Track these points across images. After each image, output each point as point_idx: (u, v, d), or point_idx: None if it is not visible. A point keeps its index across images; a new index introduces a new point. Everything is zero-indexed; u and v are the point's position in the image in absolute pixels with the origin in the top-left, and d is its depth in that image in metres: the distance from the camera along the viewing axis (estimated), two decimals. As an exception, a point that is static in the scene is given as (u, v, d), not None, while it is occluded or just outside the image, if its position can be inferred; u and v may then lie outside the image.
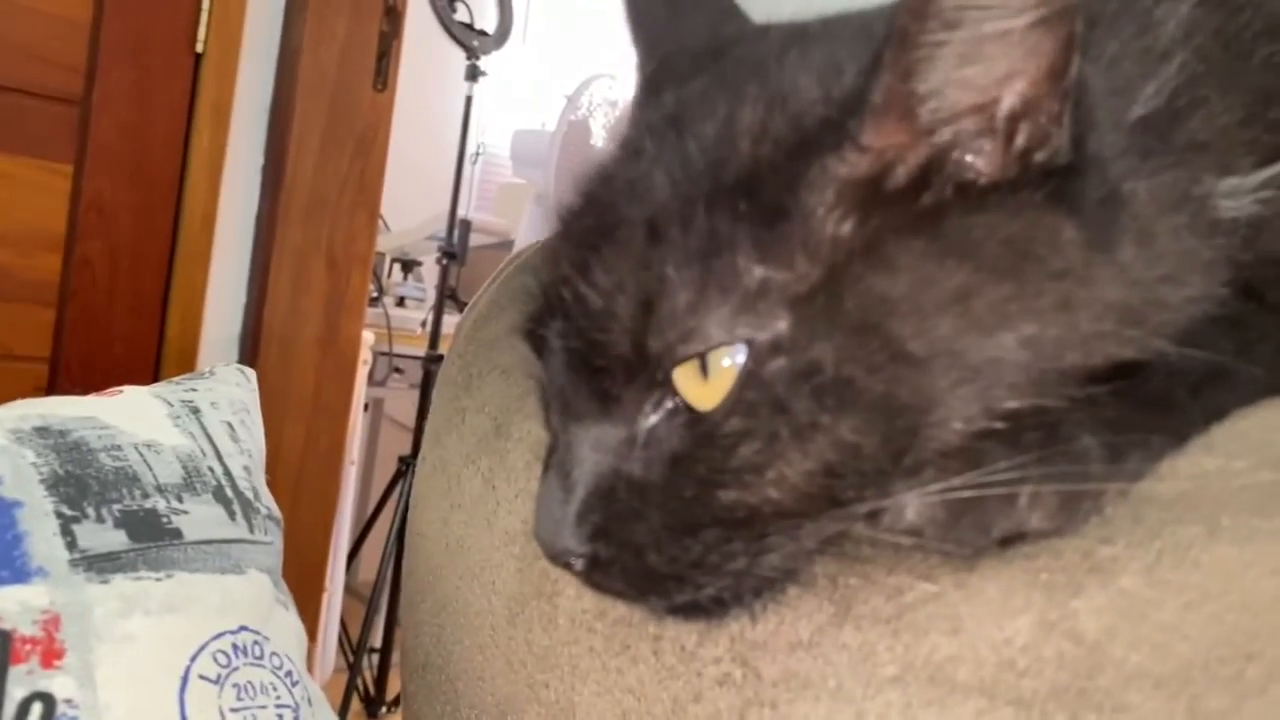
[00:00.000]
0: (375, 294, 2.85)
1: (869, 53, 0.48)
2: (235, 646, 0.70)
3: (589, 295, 0.50)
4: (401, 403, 3.50)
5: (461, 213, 2.88)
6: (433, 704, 0.78)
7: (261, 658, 0.72)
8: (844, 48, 0.52)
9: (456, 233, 2.83)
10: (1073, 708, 0.45)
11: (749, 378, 0.47)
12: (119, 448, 0.75)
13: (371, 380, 2.86)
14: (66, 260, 1.86)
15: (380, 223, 2.29)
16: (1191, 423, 0.50)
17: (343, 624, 2.78)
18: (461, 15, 2.86)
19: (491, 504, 0.73)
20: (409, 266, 3.42)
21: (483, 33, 2.91)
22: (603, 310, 0.49)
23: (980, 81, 0.46)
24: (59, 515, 0.69)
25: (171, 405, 0.82)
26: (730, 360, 0.47)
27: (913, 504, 0.48)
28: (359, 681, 2.70)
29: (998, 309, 0.46)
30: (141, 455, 0.76)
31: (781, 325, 0.47)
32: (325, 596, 2.27)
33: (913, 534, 0.49)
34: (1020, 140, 0.48)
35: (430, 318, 2.83)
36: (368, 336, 2.35)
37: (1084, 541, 0.48)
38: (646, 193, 0.51)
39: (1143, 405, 0.49)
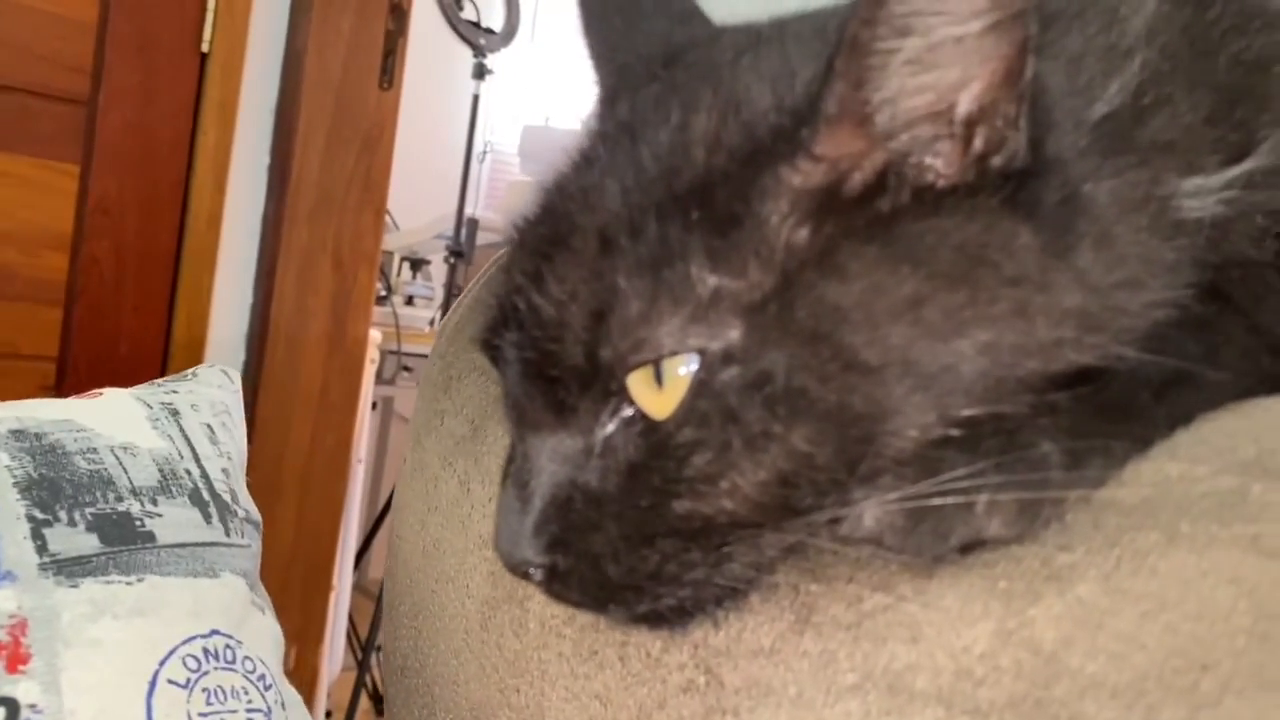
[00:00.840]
0: (384, 293, 2.85)
1: (822, 57, 0.47)
2: (206, 650, 0.70)
3: (542, 305, 0.49)
4: (411, 401, 3.50)
5: (469, 211, 2.88)
6: (411, 708, 0.78)
7: (233, 662, 0.71)
8: (797, 51, 0.51)
9: (464, 231, 2.83)
10: (1029, 718, 0.45)
11: (701, 387, 0.46)
12: (95, 450, 0.75)
13: (380, 379, 2.86)
14: (73, 260, 1.86)
15: (389, 222, 2.29)
16: (1155, 427, 0.49)
17: (351, 622, 2.78)
18: (468, 13, 2.87)
19: (466, 507, 0.73)
20: (418, 265, 3.42)
21: (489, 31, 2.92)
22: (555, 320, 0.49)
23: (935, 87, 0.46)
24: (30, 519, 0.69)
25: (151, 407, 0.82)
26: (685, 369, 0.47)
27: (871, 512, 0.47)
28: (367, 680, 2.70)
29: (951, 316, 0.45)
30: (117, 458, 0.75)
31: (734, 334, 0.46)
32: (333, 595, 2.27)
33: (872, 542, 0.48)
34: (977, 144, 0.47)
35: (439, 316, 2.83)
36: (375, 335, 2.34)
37: (1043, 549, 0.47)
38: (599, 201, 0.50)
39: (1104, 410, 0.48)
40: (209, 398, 0.86)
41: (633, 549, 0.49)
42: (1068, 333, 0.46)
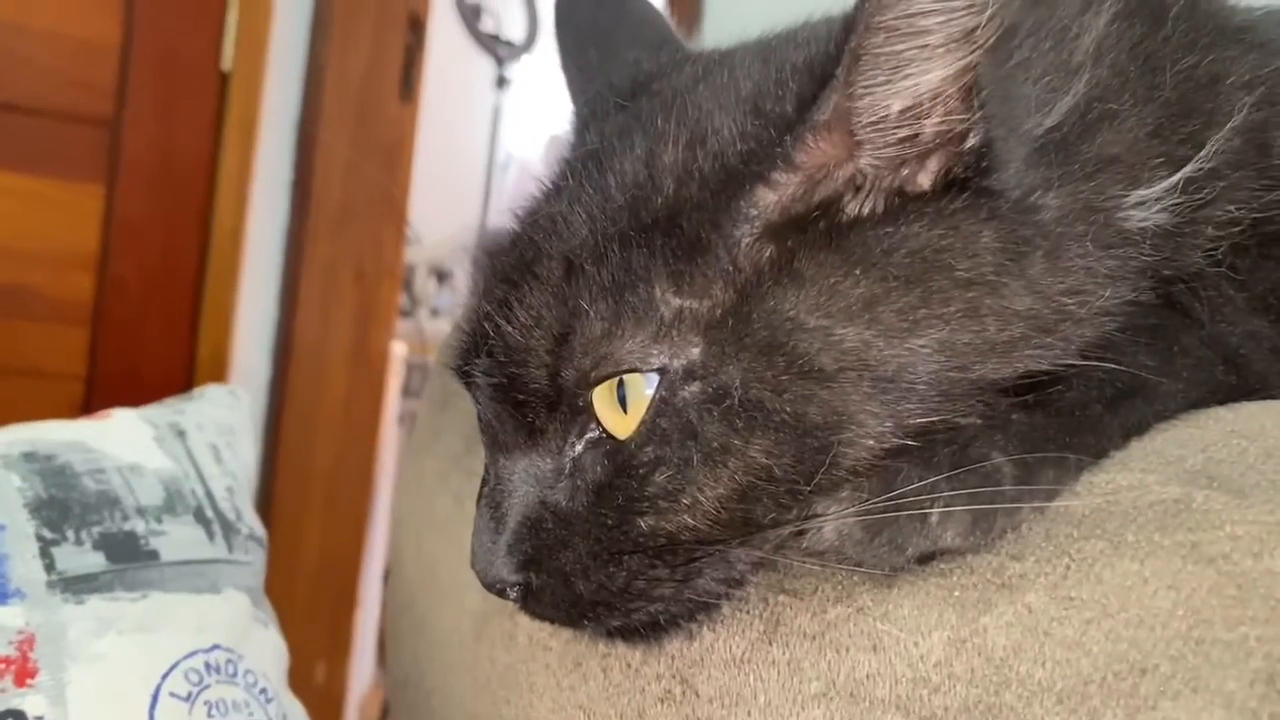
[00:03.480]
0: (409, 307, 2.87)
1: (773, 82, 0.49)
2: (208, 664, 0.72)
3: (509, 332, 0.51)
4: (439, 412, 3.51)
5: (492, 222, 2.90)
6: None
7: (235, 675, 0.73)
8: (745, 79, 0.53)
9: (487, 242, 2.85)
10: (981, 723, 0.46)
11: (662, 405, 0.48)
12: (102, 471, 0.77)
13: (408, 392, 2.89)
14: (100, 279, 1.88)
15: (413, 234, 2.31)
16: (1109, 438, 0.50)
17: (382, 635, 2.80)
18: (488, 25, 2.90)
19: (461, 523, 0.74)
20: (443, 277, 3.44)
21: (509, 43, 2.95)
22: (521, 345, 0.51)
23: (912, 96, 0.47)
24: (39, 538, 0.71)
25: (157, 428, 0.84)
26: (647, 390, 0.49)
27: (831, 524, 0.49)
28: (397, 689, 2.72)
29: (906, 315, 0.47)
30: (124, 478, 0.78)
31: (695, 352, 0.48)
32: (360, 610, 2.29)
33: (834, 553, 0.50)
34: (942, 154, 0.49)
35: (463, 327, 2.84)
36: (401, 349, 2.37)
37: (996, 558, 0.48)
38: (565, 229, 0.52)
39: (1058, 422, 0.49)
40: (215, 418, 0.89)
41: (601, 566, 0.51)
42: (1017, 333, 0.48)
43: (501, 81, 3.01)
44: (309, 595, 2.11)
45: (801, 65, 0.50)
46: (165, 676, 0.70)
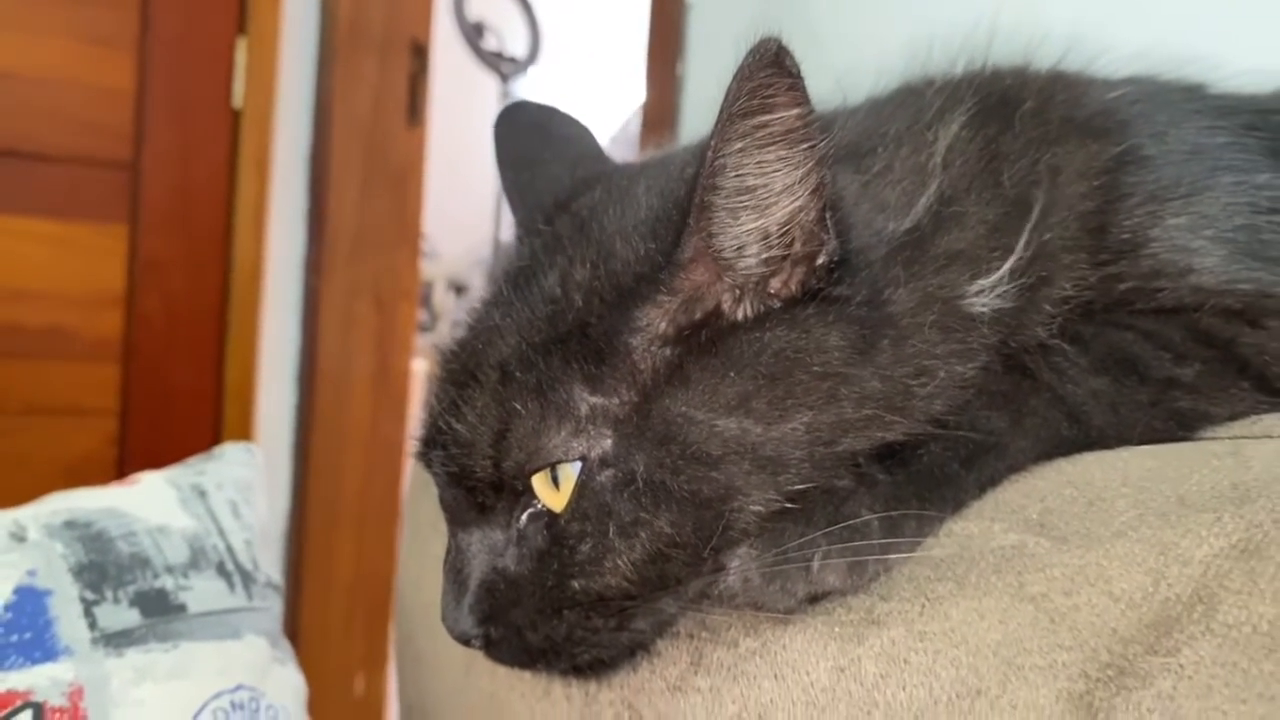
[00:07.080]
0: (428, 322, 2.97)
1: (666, 208, 0.59)
2: (233, 703, 0.83)
3: (458, 430, 0.61)
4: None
5: (505, 235, 3.00)
6: (419, 741, 0.90)
7: (258, 711, 0.84)
8: (647, 203, 0.62)
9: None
10: (857, 740, 0.55)
11: (584, 488, 0.58)
12: (134, 534, 0.88)
13: (430, 404, 2.98)
14: (128, 316, 1.98)
15: (430, 249, 2.37)
16: (966, 491, 0.59)
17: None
18: (490, 44, 2.99)
19: (449, 566, 0.84)
20: (461, 290, 3.55)
21: (512, 59, 3.04)
22: (468, 441, 0.60)
23: (764, 230, 0.57)
24: (82, 600, 0.82)
25: (181, 489, 0.94)
26: (573, 471, 0.58)
27: (734, 575, 0.59)
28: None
29: (776, 405, 0.57)
30: (154, 539, 0.88)
31: (607, 443, 0.58)
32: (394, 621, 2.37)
33: (740, 598, 0.59)
34: (798, 270, 0.58)
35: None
36: (422, 366, 2.46)
37: (869, 598, 0.58)
38: (500, 339, 0.62)
39: (919, 481, 0.59)
40: (233, 476, 0.99)
41: (545, 620, 0.60)
42: (870, 412, 0.57)
43: (506, 97, 3.10)
44: (345, 610, 2.20)
45: (683, 197, 0.59)
46: (196, 715, 0.80)
